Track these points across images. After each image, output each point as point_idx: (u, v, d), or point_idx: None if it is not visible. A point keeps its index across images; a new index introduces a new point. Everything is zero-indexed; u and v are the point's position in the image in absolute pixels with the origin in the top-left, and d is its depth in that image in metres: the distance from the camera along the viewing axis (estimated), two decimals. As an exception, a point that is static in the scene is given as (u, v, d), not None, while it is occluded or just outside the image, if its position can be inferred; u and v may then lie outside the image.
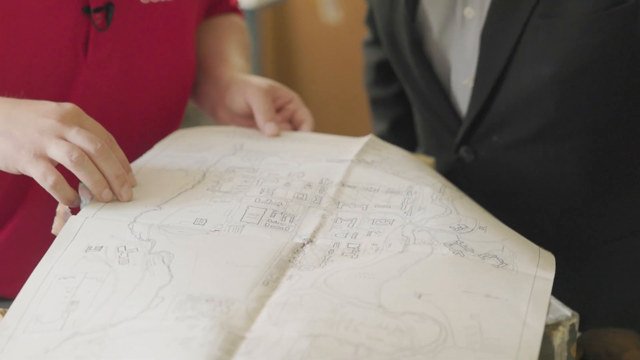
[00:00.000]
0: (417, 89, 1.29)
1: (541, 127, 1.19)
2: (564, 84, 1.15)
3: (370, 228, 0.96)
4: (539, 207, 1.26)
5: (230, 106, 1.22)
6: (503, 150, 1.23)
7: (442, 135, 1.30)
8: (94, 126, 0.98)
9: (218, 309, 0.82)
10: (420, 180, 1.04)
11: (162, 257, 0.90)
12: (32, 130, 0.95)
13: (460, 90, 1.25)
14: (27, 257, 1.16)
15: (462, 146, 1.26)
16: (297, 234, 0.95)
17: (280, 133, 1.17)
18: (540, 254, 0.95)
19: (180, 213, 0.97)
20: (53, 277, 0.89)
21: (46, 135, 0.94)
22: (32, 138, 0.94)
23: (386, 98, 1.52)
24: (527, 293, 0.87)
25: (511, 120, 1.20)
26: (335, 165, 1.07)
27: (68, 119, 0.96)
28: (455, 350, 0.79)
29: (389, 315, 0.82)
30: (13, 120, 0.96)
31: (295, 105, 1.22)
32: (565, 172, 1.22)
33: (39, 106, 0.98)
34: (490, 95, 1.19)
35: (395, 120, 1.53)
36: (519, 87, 1.17)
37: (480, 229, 0.96)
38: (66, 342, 0.82)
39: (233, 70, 1.26)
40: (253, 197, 1.00)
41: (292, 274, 0.89)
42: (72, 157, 0.94)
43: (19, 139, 0.94)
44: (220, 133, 1.17)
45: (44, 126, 0.95)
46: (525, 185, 1.25)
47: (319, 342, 0.78)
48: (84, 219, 0.96)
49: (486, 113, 1.21)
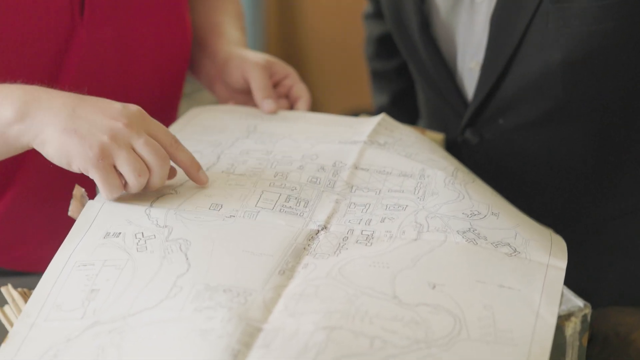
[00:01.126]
0: (423, 70, 1.29)
1: (548, 110, 1.19)
2: (573, 69, 1.15)
3: (383, 214, 0.97)
4: (544, 188, 1.27)
5: (228, 82, 1.23)
6: (509, 132, 1.23)
7: (447, 116, 1.30)
8: (158, 129, 0.97)
9: (235, 299, 0.84)
10: (432, 164, 1.05)
11: (180, 244, 0.91)
12: (100, 132, 0.93)
13: (467, 73, 1.25)
14: (24, 227, 1.18)
15: (467, 128, 1.26)
16: (311, 219, 0.96)
17: (291, 114, 1.18)
18: (552, 240, 0.96)
19: (195, 197, 0.98)
20: (73, 264, 0.90)
21: (116, 142, 0.93)
22: (102, 141, 0.93)
23: (387, 71, 1.52)
24: (540, 283, 0.88)
25: (518, 104, 1.21)
26: (348, 147, 1.08)
27: (135, 124, 0.95)
28: (469, 342, 0.81)
29: (404, 307, 0.84)
30: (79, 119, 0.94)
31: (291, 80, 1.23)
32: (571, 153, 1.22)
33: (105, 105, 0.96)
34: (498, 79, 1.20)
35: (396, 93, 1.53)
36: (528, 72, 1.17)
37: (492, 215, 0.97)
38: (87, 331, 0.83)
39: (230, 44, 1.26)
40: (267, 180, 1.01)
41: (307, 262, 0.90)
42: (138, 176, 0.94)
43: (85, 140, 0.93)
44: (234, 113, 1.18)
45: (113, 130, 0.93)
46: (531, 167, 1.25)
47: (335, 334, 0.80)
48: (101, 204, 0.97)
49: (493, 96, 1.21)
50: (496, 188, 1.23)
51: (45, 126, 0.94)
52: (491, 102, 1.22)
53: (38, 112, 0.94)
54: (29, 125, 0.94)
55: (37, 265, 1.21)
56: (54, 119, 0.94)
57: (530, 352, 0.81)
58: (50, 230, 1.19)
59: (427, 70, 1.27)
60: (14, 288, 1.01)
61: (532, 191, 1.26)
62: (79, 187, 1.02)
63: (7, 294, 1.00)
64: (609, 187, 1.25)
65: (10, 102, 0.95)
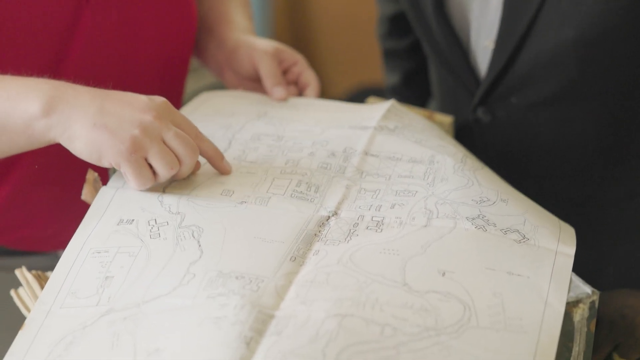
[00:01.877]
0: (436, 47, 1.29)
1: (561, 89, 1.20)
2: (587, 47, 1.15)
3: (393, 200, 0.98)
4: (554, 167, 1.27)
5: (237, 69, 1.24)
6: (521, 111, 1.24)
7: (459, 94, 1.31)
8: (182, 120, 0.99)
9: (248, 286, 0.85)
10: (442, 150, 1.06)
11: (192, 231, 0.92)
12: (131, 126, 0.94)
13: (481, 52, 1.25)
14: (29, 206, 1.19)
15: (479, 107, 1.26)
16: (322, 205, 0.97)
17: (300, 101, 1.18)
18: (561, 227, 0.96)
19: (207, 183, 1.00)
20: (87, 251, 0.91)
21: (147, 135, 0.94)
22: (133, 135, 0.93)
23: (400, 50, 1.53)
24: (549, 270, 0.89)
25: (531, 82, 1.21)
26: (358, 133, 1.09)
27: (163, 116, 0.96)
28: (478, 330, 0.82)
29: (414, 294, 0.85)
30: (108, 114, 0.94)
31: (300, 67, 1.23)
32: (582, 133, 1.23)
33: (132, 99, 0.96)
34: (510, 57, 1.20)
35: (408, 72, 1.53)
36: (541, 50, 1.17)
37: (502, 201, 0.98)
38: (102, 318, 0.85)
39: (238, 32, 1.27)
40: (279, 168, 1.02)
41: (318, 248, 0.91)
42: (170, 169, 0.96)
43: (117, 134, 0.93)
44: (244, 99, 1.19)
45: (144, 124, 0.94)
46: (542, 146, 1.26)
47: (346, 322, 0.81)
48: (114, 190, 0.98)
49: (506, 75, 1.22)
50: (506, 167, 1.23)
51: (73, 122, 0.94)
52: (504, 80, 1.22)
53: (65, 108, 0.94)
54: (56, 121, 0.94)
55: (43, 245, 1.23)
56: (82, 115, 0.94)
57: (539, 339, 0.82)
58: (56, 211, 1.20)
59: (441, 48, 1.28)
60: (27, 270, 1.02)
61: (542, 171, 1.27)
62: (92, 171, 1.03)
63: (21, 276, 1.02)
64: (618, 168, 1.26)
65: (36, 96, 0.94)
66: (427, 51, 1.35)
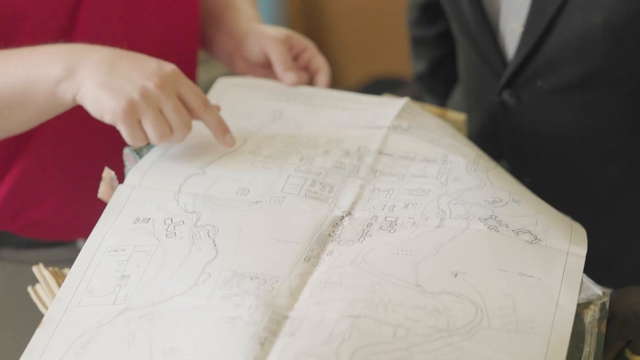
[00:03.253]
0: (466, 28, 1.30)
1: (588, 73, 1.20)
2: (615, 31, 1.15)
3: (407, 199, 0.98)
4: (576, 152, 1.27)
5: (248, 57, 1.25)
6: (547, 95, 1.24)
7: (485, 77, 1.31)
8: (189, 90, 1.02)
9: (262, 287, 0.86)
10: (455, 149, 1.06)
11: (208, 230, 0.93)
12: (132, 89, 0.98)
13: (509, 34, 1.26)
14: (38, 189, 1.20)
15: (505, 89, 1.27)
16: (336, 205, 0.98)
17: (315, 94, 1.19)
18: (572, 228, 0.97)
19: (223, 180, 1.01)
20: (104, 250, 0.93)
21: (145, 101, 0.98)
22: (131, 98, 0.98)
23: (428, 38, 1.53)
24: (560, 271, 0.90)
25: (558, 66, 1.22)
26: (373, 132, 1.09)
27: (167, 85, 1.00)
28: (490, 331, 0.83)
29: (427, 295, 0.86)
30: (115, 75, 0.99)
31: (310, 53, 1.24)
32: (607, 117, 1.23)
33: (141, 63, 1.01)
34: (538, 41, 1.20)
35: (435, 60, 1.54)
36: (569, 34, 1.18)
37: (514, 202, 0.99)
38: (119, 316, 0.86)
39: (246, 19, 1.28)
40: (293, 165, 1.03)
41: (332, 249, 0.92)
42: (160, 138, 1.00)
43: (116, 95, 0.98)
44: (260, 90, 1.19)
45: (144, 89, 0.98)
46: (567, 130, 1.26)
47: (360, 323, 0.82)
48: (131, 188, 0.99)
49: (533, 58, 1.22)
50: (530, 152, 1.23)
51: (85, 80, 0.99)
52: (531, 63, 1.23)
53: (81, 67, 0.99)
54: (74, 80, 1.00)
55: (54, 233, 1.24)
56: (93, 73, 0.99)
57: (550, 340, 0.83)
58: (65, 194, 1.21)
59: (470, 29, 1.28)
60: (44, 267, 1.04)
61: (562, 156, 1.28)
62: (109, 169, 1.04)
63: (38, 273, 1.03)
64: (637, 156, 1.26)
65: (56, 59, 1.00)
66: (456, 33, 1.36)
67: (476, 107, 1.36)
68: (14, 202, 1.20)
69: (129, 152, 1.07)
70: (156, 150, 1.05)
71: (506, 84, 1.26)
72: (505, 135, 1.30)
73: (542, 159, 1.29)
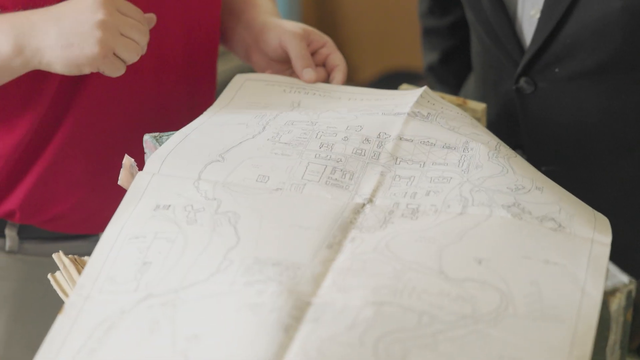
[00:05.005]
0: (482, 16, 1.29)
1: (606, 59, 1.19)
2: (634, 16, 1.14)
3: (428, 187, 0.98)
4: (595, 140, 1.26)
5: (266, 51, 1.25)
6: (564, 81, 1.24)
7: (502, 65, 1.30)
8: (128, 8, 1.07)
9: (285, 273, 0.86)
10: (475, 137, 1.06)
11: (229, 217, 0.93)
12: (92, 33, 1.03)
13: (527, 21, 1.25)
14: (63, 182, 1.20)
15: (522, 77, 1.26)
16: (357, 193, 0.98)
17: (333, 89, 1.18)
18: (596, 216, 0.96)
19: (242, 167, 1.00)
20: (125, 237, 0.92)
21: (110, 34, 1.03)
22: (98, 39, 1.03)
23: (440, 28, 1.53)
24: (586, 259, 0.89)
25: (575, 52, 1.21)
26: (392, 119, 1.09)
27: (110, 8, 1.04)
28: (515, 319, 0.82)
29: (451, 282, 0.85)
30: (68, 33, 1.03)
31: (328, 49, 1.24)
32: (627, 105, 1.22)
33: (78, 6, 1.04)
34: (556, 27, 1.20)
35: (447, 51, 1.53)
36: (587, 19, 1.17)
37: (537, 189, 0.98)
38: (140, 303, 0.85)
39: (264, 14, 1.28)
40: (313, 151, 1.02)
41: (354, 236, 0.91)
42: (137, 56, 1.07)
43: (83, 47, 1.03)
44: (277, 85, 1.19)
45: (101, 24, 1.03)
46: (585, 118, 1.25)
47: (383, 309, 0.81)
48: (150, 176, 0.99)
49: (550, 44, 1.22)
50: (547, 140, 1.22)
51: (44, 51, 1.04)
52: (548, 50, 1.22)
53: (31, 41, 1.04)
54: (30, 55, 1.04)
55: (74, 228, 1.24)
56: (47, 43, 1.04)
57: (576, 328, 0.82)
58: (88, 189, 1.21)
59: (487, 16, 1.28)
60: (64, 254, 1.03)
61: (581, 144, 1.27)
62: (128, 157, 1.04)
63: (58, 260, 1.03)
64: None
65: (3, 37, 1.04)
66: (471, 20, 1.35)
67: (492, 96, 1.35)
68: (38, 196, 1.20)
69: (149, 139, 1.06)
70: (175, 137, 1.05)
71: (523, 72, 1.25)
72: (522, 124, 1.29)
73: (560, 148, 1.28)
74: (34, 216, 1.21)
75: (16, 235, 1.23)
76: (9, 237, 1.23)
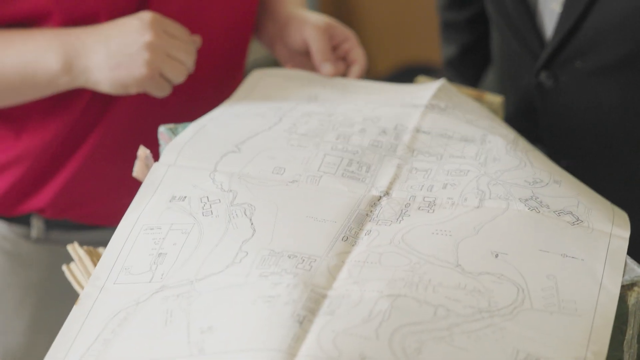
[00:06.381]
0: (503, 9, 1.28)
1: (628, 54, 1.18)
2: None
3: (445, 180, 0.97)
4: (616, 135, 1.26)
5: (288, 43, 1.25)
6: (586, 76, 1.23)
7: (522, 58, 1.29)
8: (175, 29, 1.09)
9: (300, 265, 0.85)
10: (493, 130, 1.05)
11: (244, 209, 0.93)
12: (139, 55, 1.05)
13: (548, 14, 1.24)
14: (97, 182, 1.20)
15: (543, 71, 1.25)
16: (373, 185, 0.97)
17: (351, 84, 1.18)
18: (614, 211, 0.95)
19: (259, 159, 0.99)
20: (140, 228, 0.92)
21: (157, 55, 1.06)
22: (145, 61, 1.05)
23: (459, 22, 1.52)
24: (604, 253, 0.88)
25: (597, 46, 1.20)
26: (409, 111, 1.08)
27: (158, 30, 1.06)
28: (532, 312, 0.82)
29: (467, 276, 0.84)
30: (116, 54, 1.05)
31: (350, 44, 1.24)
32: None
33: (125, 27, 1.07)
34: (577, 21, 1.19)
35: (465, 45, 1.52)
36: (609, 13, 1.16)
37: (555, 182, 0.97)
38: (156, 294, 0.85)
39: (290, 5, 1.28)
40: (329, 143, 1.02)
41: (370, 229, 0.91)
42: (182, 77, 1.09)
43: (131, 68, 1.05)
44: (295, 80, 1.18)
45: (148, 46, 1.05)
46: (605, 113, 1.24)
47: (399, 302, 0.81)
48: (166, 167, 0.98)
49: (572, 38, 1.21)
50: (568, 134, 1.21)
51: (91, 71, 1.06)
52: (569, 44, 1.21)
53: (80, 60, 1.06)
54: (77, 74, 1.07)
55: (105, 220, 1.25)
56: (96, 63, 1.06)
57: (594, 322, 0.82)
58: (122, 187, 1.21)
59: (507, 10, 1.27)
60: (79, 245, 1.03)
61: (602, 140, 1.26)
62: (144, 147, 1.03)
63: (73, 252, 1.03)
64: None
65: (53, 56, 1.06)
66: (491, 14, 1.34)
67: (511, 90, 1.34)
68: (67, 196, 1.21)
69: (164, 131, 1.06)
70: (191, 128, 1.05)
71: (544, 65, 1.25)
72: (542, 118, 1.28)
73: (580, 143, 1.27)
74: (62, 214, 1.23)
75: (43, 224, 1.24)
76: (36, 227, 1.24)
